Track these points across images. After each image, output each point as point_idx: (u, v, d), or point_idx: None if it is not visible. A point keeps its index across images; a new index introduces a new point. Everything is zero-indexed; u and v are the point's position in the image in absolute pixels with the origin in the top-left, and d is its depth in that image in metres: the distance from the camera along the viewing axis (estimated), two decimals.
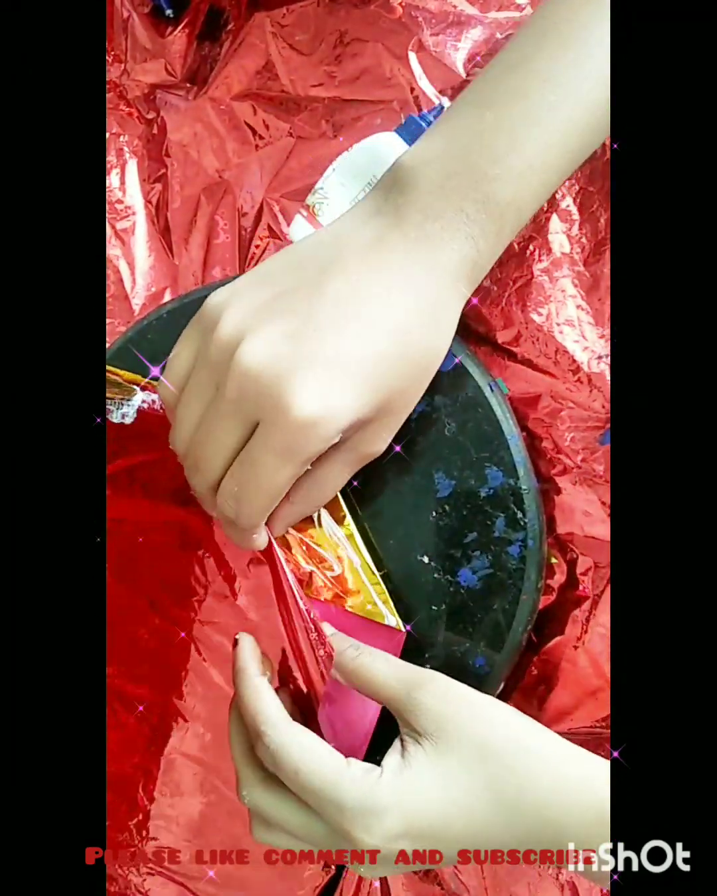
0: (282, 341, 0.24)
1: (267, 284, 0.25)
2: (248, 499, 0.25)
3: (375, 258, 0.24)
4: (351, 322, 0.24)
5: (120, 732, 0.36)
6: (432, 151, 0.25)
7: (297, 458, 0.24)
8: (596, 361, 0.32)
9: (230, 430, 0.24)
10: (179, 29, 0.43)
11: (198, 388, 0.26)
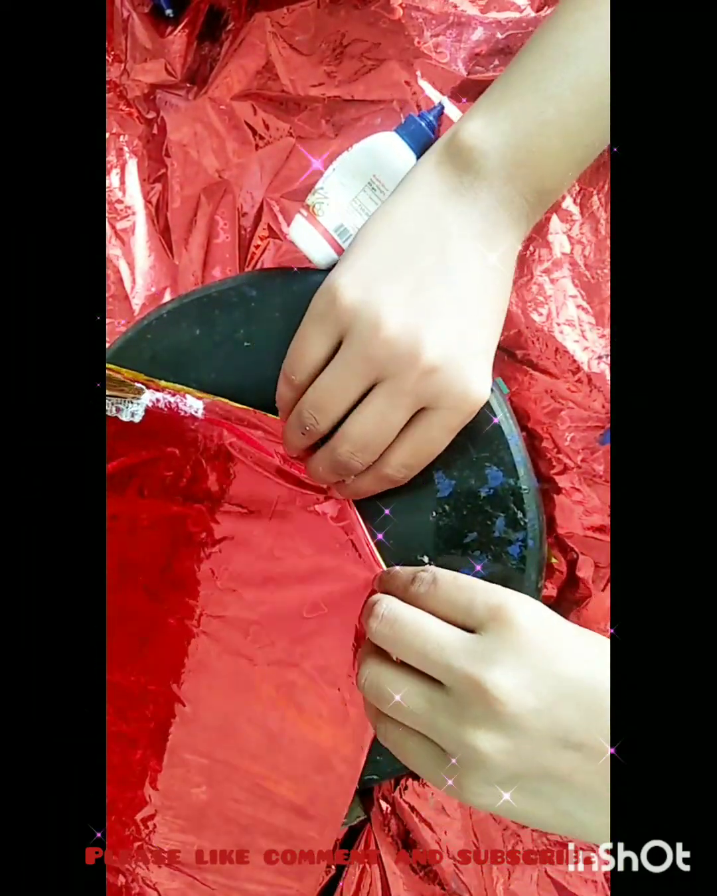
0: (451, 341, 0.28)
1: (395, 276, 0.28)
2: (419, 464, 0.30)
3: (472, 246, 0.28)
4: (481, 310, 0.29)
5: (122, 727, 0.36)
6: (499, 135, 0.27)
7: (458, 428, 0.29)
8: (596, 361, 0.32)
9: (404, 416, 0.28)
10: (179, 29, 0.43)
11: (352, 378, 0.28)
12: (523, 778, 0.23)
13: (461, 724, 0.23)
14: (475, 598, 0.24)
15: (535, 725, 0.22)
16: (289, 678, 0.34)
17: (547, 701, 0.22)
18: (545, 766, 0.22)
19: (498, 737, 0.22)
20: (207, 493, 0.35)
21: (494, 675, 0.22)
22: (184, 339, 0.36)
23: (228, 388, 0.35)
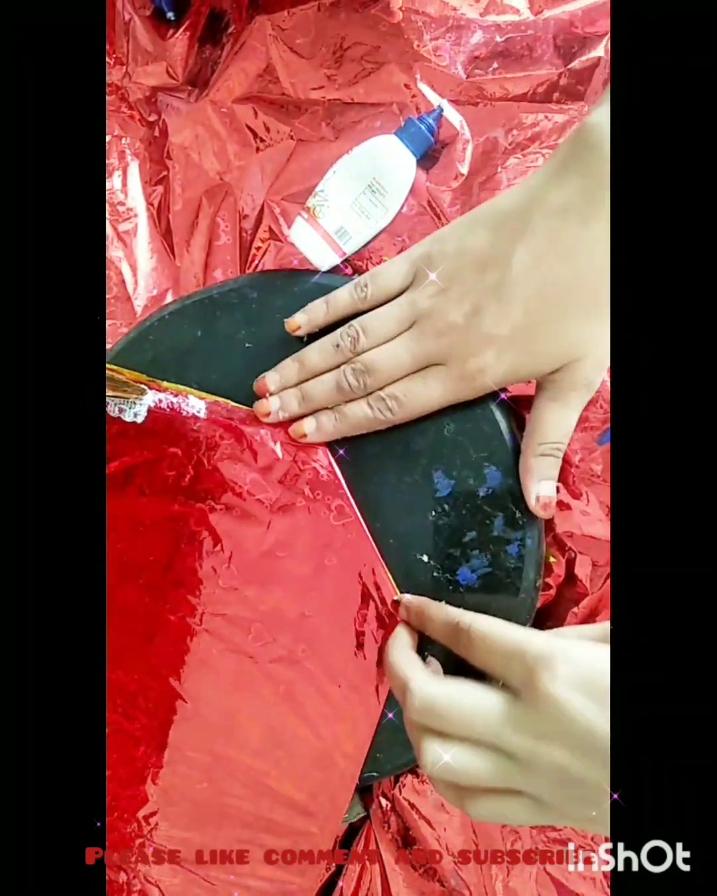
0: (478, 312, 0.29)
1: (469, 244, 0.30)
2: (407, 403, 0.31)
3: (559, 223, 0.28)
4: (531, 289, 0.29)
5: (124, 724, 0.36)
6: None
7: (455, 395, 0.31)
8: None
9: (411, 361, 0.31)
10: (181, 32, 0.43)
11: (398, 319, 0.31)
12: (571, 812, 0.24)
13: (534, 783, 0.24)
14: (511, 663, 0.24)
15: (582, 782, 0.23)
16: (290, 676, 0.35)
17: (588, 760, 0.23)
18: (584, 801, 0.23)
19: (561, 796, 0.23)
20: (209, 493, 0.35)
21: (542, 750, 0.23)
22: (185, 340, 0.37)
23: (229, 388, 0.35)
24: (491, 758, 0.24)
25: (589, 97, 0.35)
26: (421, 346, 0.30)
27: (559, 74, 0.35)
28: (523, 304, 0.28)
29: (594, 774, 0.22)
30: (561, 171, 0.27)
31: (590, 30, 0.34)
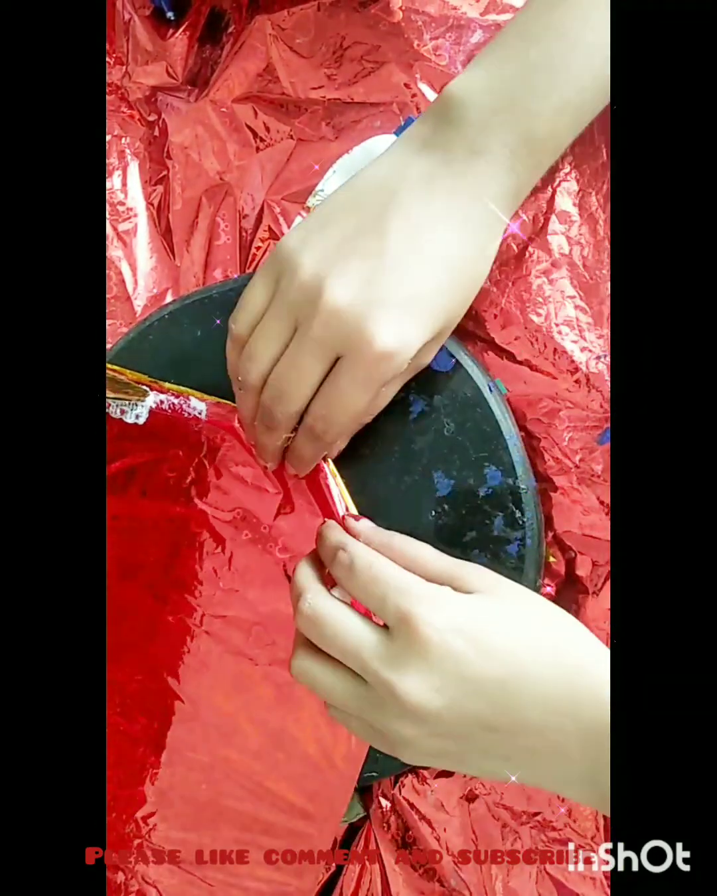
0: (360, 283, 0.26)
1: (334, 226, 0.27)
2: (335, 420, 0.29)
3: (427, 195, 0.27)
4: (415, 260, 0.27)
5: (123, 725, 0.36)
6: (478, 83, 0.26)
7: (376, 384, 0.28)
8: (594, 362, 0.32)
9: (315, 364, 0.27)
10: (181, 31, 0.43)
11: (277, 326, 0.28)
12: (447, 753, 0.25)
13: (384, 716, 0.24)
14: (387, 599, 0.24)
15: (449, 717, 0.23)
16: (289, 678, 0.34)
17: (455, 699, 0.23)
18: (466, 742, 0.24)
19: (416, 727, 0.24)
20: (210, 495, 0.35)
21: (403, 680, 0.23)
22: (185, 340, 0.37)
23: (228, 389, 0.35)
24: (351, 684, 0.25)
25: None
26: (315, 342, 0.27)
27: None
28: (411, 272, 0.27)
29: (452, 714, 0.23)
30: (422, 147, 0.27)
31: None
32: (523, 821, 0.34)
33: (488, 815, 0.34)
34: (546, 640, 0.24)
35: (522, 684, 0.23)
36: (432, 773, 0.36)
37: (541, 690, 0.23)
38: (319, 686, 0.26)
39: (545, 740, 0.23)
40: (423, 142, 0.27)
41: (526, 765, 0.24)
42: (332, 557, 0.27)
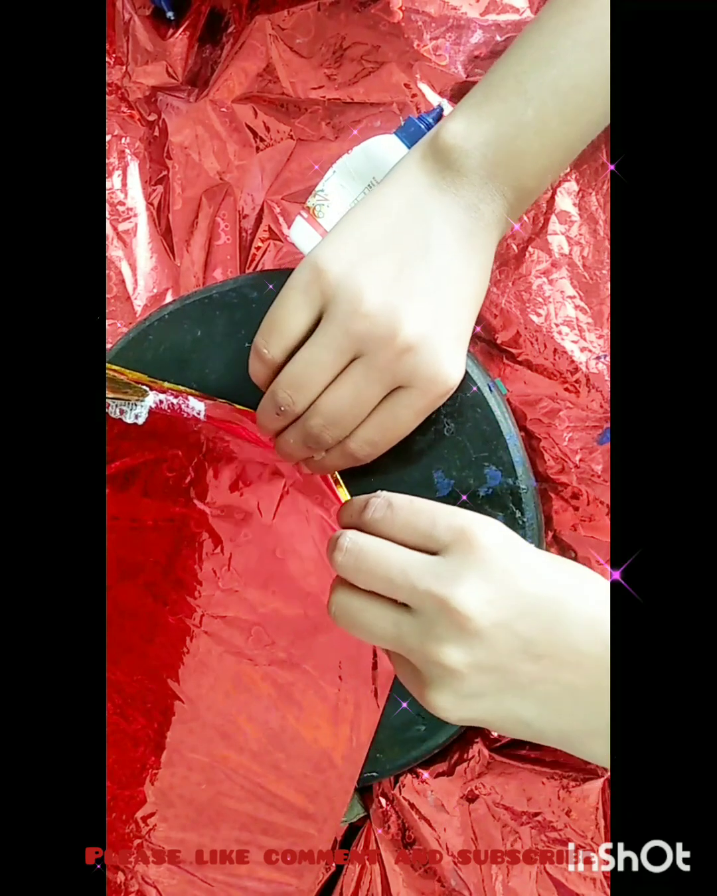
0: (428, 319, 0.28)
1: (383, 258, 0.29)
2: (384, 443, 0.31)
3: (453, 233, 0.29)
4: (458, 296, 0.29)
5: (123, 725, 0.36)
6: (479, 135, 0.29)
7: (427, 412, 0.30)
8: (594, 362, 0.32)
9: (379, 394, 0.29)
10: (181, 31, 0.43)
11: (332, 355, 0.28)
12: (487, 691, 0.24)
13: (428, 642, 0.23)
14: (437, 521, 0.25)
15: (498, 637, 0.23)
16: (289, 678, 0.35)
17: (510, 615, 0.23)
18: (508, 677, 0.24)
19: (463, 651, 0.23)
20: (210, 495, 0.35)
21: (458, 591, 0.23)
22: (185, 340, 0.37)
23: (228, 389, 0.35)
24: (394, 613, 0.25)
25: None
26: (385, 373, 0.28)
27: None
28: (459, 308, 0.29)
29: (503, 634, 0.23)
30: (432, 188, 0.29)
31: None
32: (523, 821, 0.34)
33: (488, 815, 0.34)
34: (580, 571, 0.25)
35: (571, 606, 0.23)
36: (433, 773, 0.36)
37: (590, 614, 0.23)
38: (361, 621, 0.25)
39: (587, 675, 0.23)
40: (433, 182, 0.29)
41: (563, 708, 0.24)
42: (363, 507, 0.27)
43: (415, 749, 0.34)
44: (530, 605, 0.23)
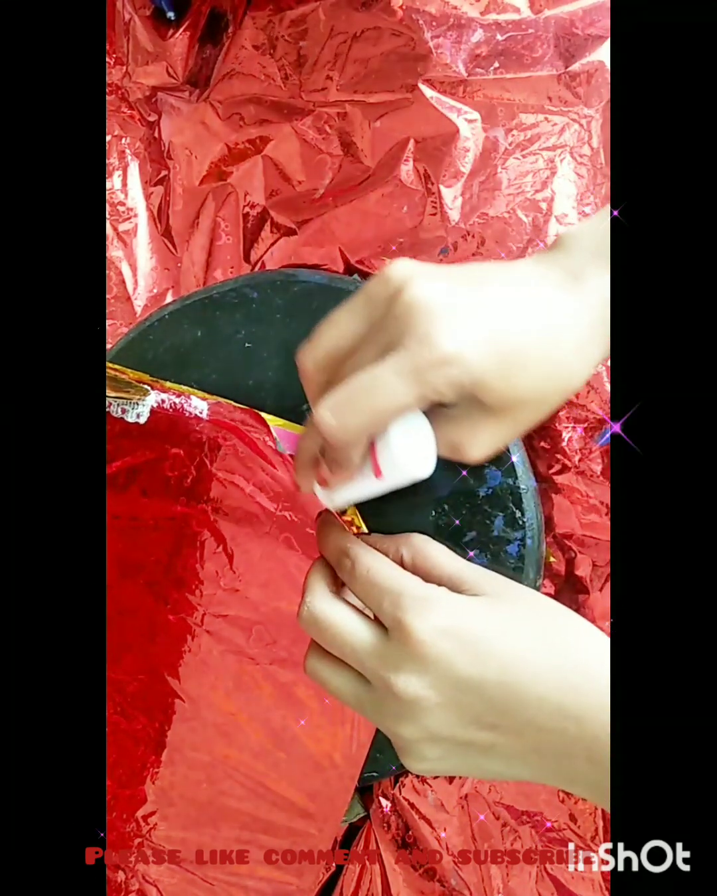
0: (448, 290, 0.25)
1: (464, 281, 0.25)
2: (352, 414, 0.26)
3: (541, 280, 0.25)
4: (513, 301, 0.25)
5: (124, 724, 0.36)
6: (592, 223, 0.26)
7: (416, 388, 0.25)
8: None
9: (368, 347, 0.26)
10: (181, 31, 0.43)
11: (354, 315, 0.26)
12: (448, 755, 0.25)
13: (384, 718, 0.25)
14: (382, 603, 0.25)
15: (447, 714, 0.24)
16: (290, 677, 0.35)
17: (452, 697, 0.24)
18: (466, 744, 0.24)
19: (415, 726, 0.24)
20: (211, 494, 0.35)
21: (399, 679, 0.24)
22: (185, 339, 0.37)
23: (228, 388, 0.35)
24: (356, 684, 0.26)
25: (588, 100, 0.35)
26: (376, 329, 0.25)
27: (559, 76, 0.35)
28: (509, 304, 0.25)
29: (450, 712, 0.24)
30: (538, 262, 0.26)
31: (590, 31, 0.34)
32: (523, 821, 0.34)
33: (488, 814, 0.34)
34: (547, 642, 0.24)
35: (520, 685, 0.23)
36: None
37: (541, 692, 0.23)
38: (329, 686, 0.27)
39: (549, 741, 0.23)
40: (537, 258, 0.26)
41: (530, 764, 0.24)
42: (336, 560, 0.28)
43: None
44: (474, 686, 0.24)
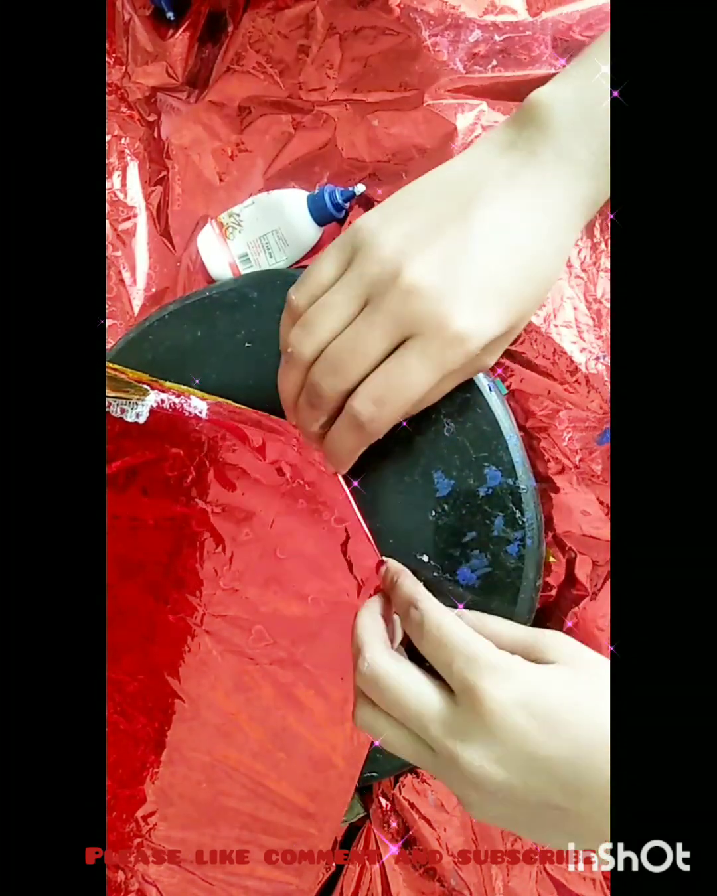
0: (441, 264, 0.26)
1: (418, 210, 0.27)
2: (392, 401, 0.27)
3: (512, 191, 0.27)
4: (497, 251, 0.26)
5: (123, 724, 0.36)
6: (566, 94, 0.27)
7: (443, 368, 0.27)
8: (594, 362, 0.32)
9: (382, 340, 0.26)
10: (181, 31, 0.43)
11: (345, 299, 0.27)
12: (517, 818, 0.24)
13: (448, 782, 0.24)
14: (453, 665, 0.24)
15: (512, 791, 0.23)
16: (290, 677, 0.35)
17: (520, 773, 0.23)
18: (534, 816, 0.23)
19: (480, 795, 0.23)
20: (211, 494, 0.35)
21: (466, 751, 0.23)
22: (185, 339, 0.37)
23: (228, 388, 0.35)
24: (414, 743, 0.25)
25: None
26: (387, 317, 0.26)
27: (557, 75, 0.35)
28: (493, 261, 0.26)
29: (518, 787, 0.22)
30: (508, 148, 0.27)
31: (588, 34, 0.34)
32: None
33: None
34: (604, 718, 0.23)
35: (592, 765, 0.22)
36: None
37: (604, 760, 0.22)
38: (387, 742, 0.26)
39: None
40: (508, 143, 0.27)
41: (596, 841, 0.23)
42: (405, 612, 0.27)
43: None
44: (544, 766, 0.22)
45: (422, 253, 0.26)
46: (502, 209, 0.26)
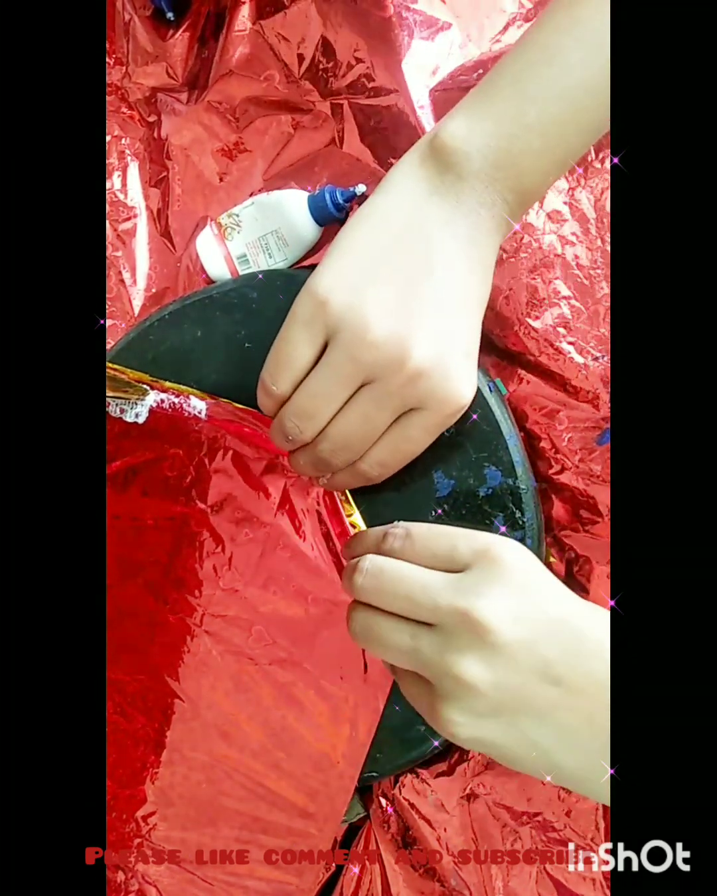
0: (436, 341, 0.28)
1: (385, 279, 0.28)
2: (396, 462, 0.31)
3: (454, 243, 0.28)
4: (464, 309, 0.29)
5: (123, 724, 0.36)
6: (480, 137, 0.28)
7: (441, 430, 0.30)
8: (593, 362, 0.32)
9: (390, 418, 0.29)
10: (181, 32, 0.43)
11: (338, 384, 0.28)
12: (503, 710, 0.23)
13: (447, 654, 0.23)
14: (457, 543, 0.24)
15: (519, 655, 0.23)
16: (290, 677, 0.35)
17: (533, 634, 0.23)
18: (526, 698, 0.23)
19: (483, 665, 0.23)
20: (210, 494, 0.35)
21: (481, 603, 0.23)
22: (185, 340, 0.37)
23: (228, 388, 0.35)
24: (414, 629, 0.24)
25: None
26: (395, 399, 0.28)
27: None
28: (466, 322, 0.28)
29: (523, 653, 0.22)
30: (432, 194, 0.28)
31: None
32: (523, 821, 0.34)
33: (488, 815, 0.34)
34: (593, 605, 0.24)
35: (591, 633, 0.23)
36: (433, 772, 0.36)
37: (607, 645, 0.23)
38: (378, 634, 0.25)
39: (606, 707, 0.22)
40: (433, 188, 0.28)
41: (581, 740, 0.23)
42: (382, 536, 0.27)
43: (415, 749, 0.34)
44: (552, 627, 0.23)
45: (416, 334, 0.27)
46: (455, 266, 0.28)
